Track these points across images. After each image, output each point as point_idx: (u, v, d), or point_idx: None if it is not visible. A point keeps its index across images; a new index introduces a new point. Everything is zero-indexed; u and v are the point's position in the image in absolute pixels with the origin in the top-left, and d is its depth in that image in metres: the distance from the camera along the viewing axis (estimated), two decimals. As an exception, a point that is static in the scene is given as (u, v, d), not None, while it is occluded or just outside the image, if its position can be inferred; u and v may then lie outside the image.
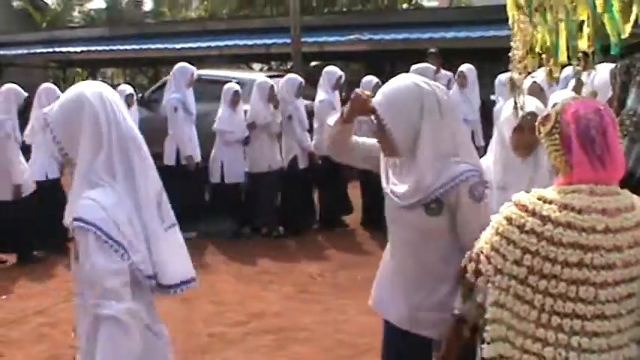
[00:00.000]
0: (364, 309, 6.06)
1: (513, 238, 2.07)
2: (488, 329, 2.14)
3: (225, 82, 9.05)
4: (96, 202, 2.23)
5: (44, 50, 19.16)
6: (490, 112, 8.76)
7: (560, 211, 2.03)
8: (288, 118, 8.74)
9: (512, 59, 2.70)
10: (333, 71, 9.08)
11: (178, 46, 16.73)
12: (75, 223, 2.24)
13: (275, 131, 8.73)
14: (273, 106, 8.65)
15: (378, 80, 8.90)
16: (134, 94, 8.81)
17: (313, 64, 18.31)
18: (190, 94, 8.73)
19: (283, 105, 8.77)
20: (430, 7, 24.72)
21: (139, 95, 10.67)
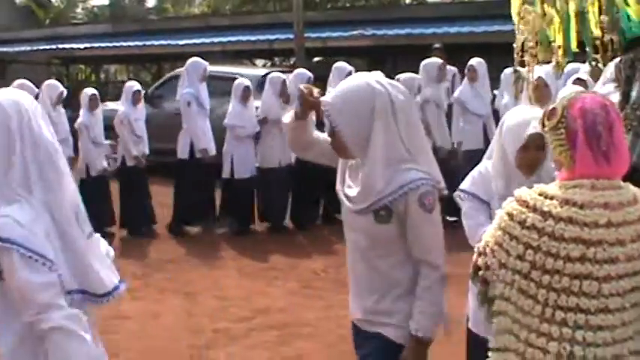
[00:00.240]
0: (368, 304, 6.11)
1: (515, 233, 2.06)
2: (495, 321, 2.14)
3: (226, 79, 9.04)
4: (13, 219, 2.10)
5: (47, 47, 19.22)
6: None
7: (561, 207, 2.02)
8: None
9: (516, 51, 2.69)
10: (342, 67, 9.05)
11: (181, 42, 16.76)
12: None
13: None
14: (283, 101, 8.66)
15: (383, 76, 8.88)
16: (141, 91, 8.81)
17: (316, 59, 18.32)
18: (204, 89, 8.74)
19: (292, 100, 8.78)
20: (433, 2, 24.63)
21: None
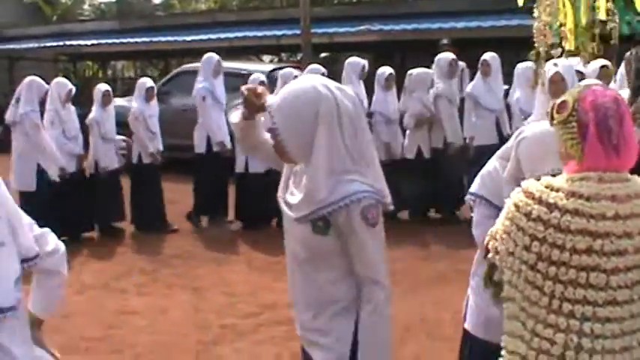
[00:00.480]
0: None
1: (521, 225, 2.06)
2: (504, 306, 2.14)
3: (234, 74, 9.05)
4: None
5: (54, 44, 19.24)
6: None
7: (567, 199, 2.02)
8: None
9: (536, 34, 2.62)
10: (356, 62, 9.00)
11: (188, 38, 16.76)
12: None
13: None
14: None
15: (392, 71, 8.84)
16: (154, 87, 8.84)
17: (323, 55, 18.30)
18: (219, 83, 8.80)
19: None
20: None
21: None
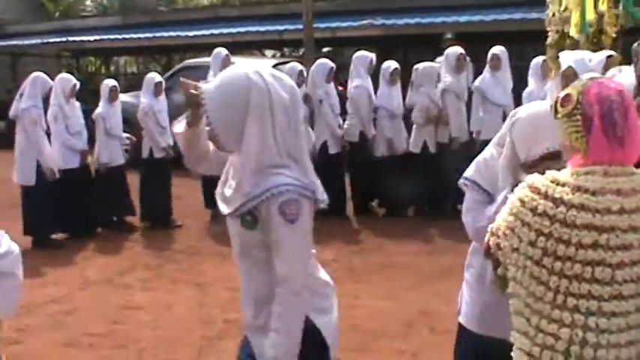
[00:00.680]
0: (378, 293, 6.10)
1: (527, 220, 2.05)
2: (510, 303, 2.14)
3: None
4: None
5: (57, 40, 19.24)
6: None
7: (573, 193, 2.01)
8: (319, 102, 8.77)
9: (548, 22, 2.62)
10: (364, 56, 9.00)
11: (191, 33, 16.74)
12: None
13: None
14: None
15: (397, 66, 8.81)
16: (162, 82, 8.85)
17: (325, 49, 18.26)
18: None
19: (314, 89, 8.80)
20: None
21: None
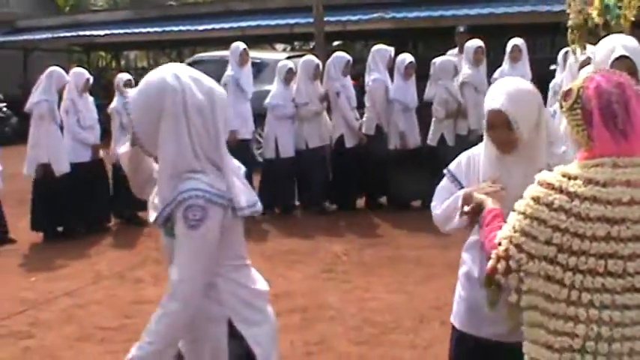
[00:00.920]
0: (390, 287, 6.10)
1: (543, 216, 2.05)
2: (525, 316, 2.14)
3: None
4: None
5: (68, 34, 19.26)
6: None
7: (585, 186, 2.03)
8: (336, 95, 8.76)
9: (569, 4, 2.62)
10: (384, 49, 8.94)
11: (201, 27, 16.73)
12: None
13: (315, 110, 8.78)
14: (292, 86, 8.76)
15: (412, 59, 8.76)
16: None
17: (336, 43, 18.22)
18: (246, 72, 8.91)
19: (331, 82, 8.80)
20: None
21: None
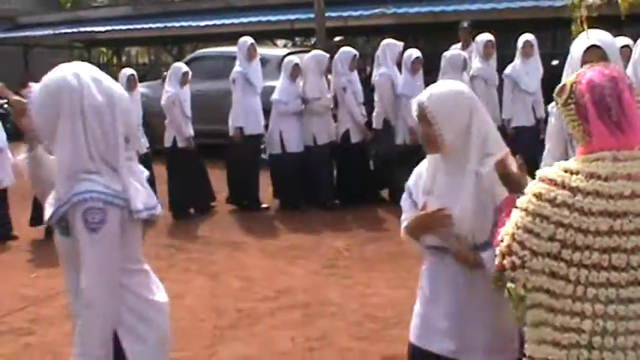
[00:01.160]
0: (391, 283, 6.10)
1: (545, 213, 2.04)
2: (529, 315, 2.12)
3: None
4: None
5: (69, 30, 19.28)
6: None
7: (587, 181, 2.02)
8: (342, 90, 8.75)
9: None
10: (394, 44, 8.89)
11: (202, 23, 16.75)
12: None
13: (327, 104, 8.79)
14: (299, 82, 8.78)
15: (419, 54, 8.71)
16: (189, 72, 8.86)
17: (337, 39, 18.17)
18: (255, 68, 8.88)
19: (337, 77, 8.78)
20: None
21: (164, 74, 10.72)
